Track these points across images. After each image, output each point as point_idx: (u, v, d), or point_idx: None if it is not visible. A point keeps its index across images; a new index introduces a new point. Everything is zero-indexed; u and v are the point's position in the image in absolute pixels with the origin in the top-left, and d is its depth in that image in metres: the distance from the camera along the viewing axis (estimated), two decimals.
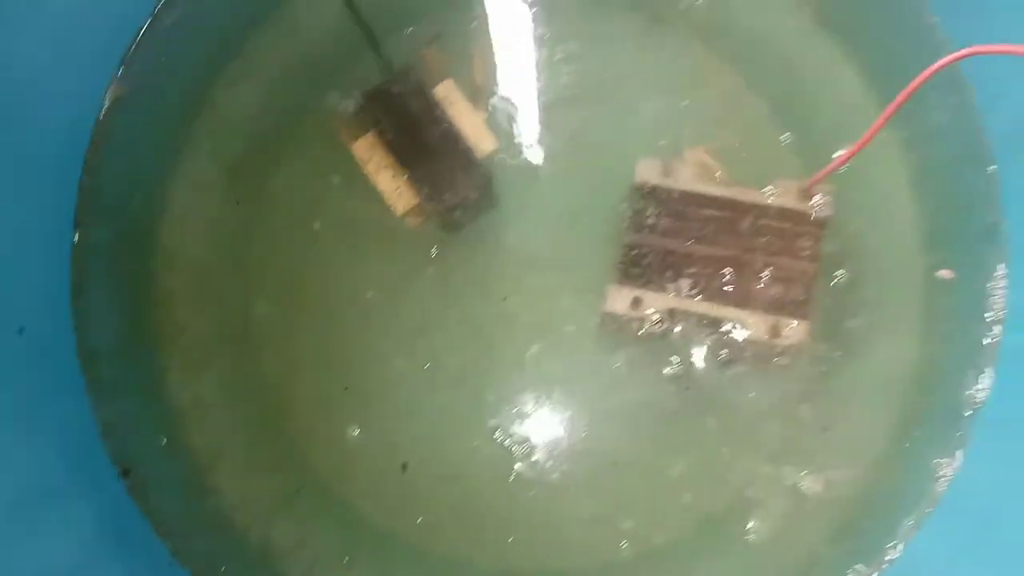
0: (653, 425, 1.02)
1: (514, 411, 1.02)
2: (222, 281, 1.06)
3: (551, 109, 1.12)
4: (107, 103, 1.04)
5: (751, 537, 0.97)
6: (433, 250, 1.06)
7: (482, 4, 1.16)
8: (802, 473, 0.98)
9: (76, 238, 1.00)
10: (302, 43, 1.12)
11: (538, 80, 1.13)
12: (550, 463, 1.01)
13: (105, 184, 1.02)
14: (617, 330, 1.03)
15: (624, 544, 0.98)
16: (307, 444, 1.02)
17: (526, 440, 1.01)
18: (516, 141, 1.10)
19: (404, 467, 1.01)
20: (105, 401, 0.97)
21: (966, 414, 0.96)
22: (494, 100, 1.12)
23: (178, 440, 1.01)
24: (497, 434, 1.01)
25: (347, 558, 0.98)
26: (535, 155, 1.11)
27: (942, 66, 0.83)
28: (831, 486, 0.97)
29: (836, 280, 1.02)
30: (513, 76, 1.14)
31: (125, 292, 1.01)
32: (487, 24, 1.16)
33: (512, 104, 1.12)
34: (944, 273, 1.04)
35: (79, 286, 0.99)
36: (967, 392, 0.97)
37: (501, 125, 1.10)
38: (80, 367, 0.96)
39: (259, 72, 1.11)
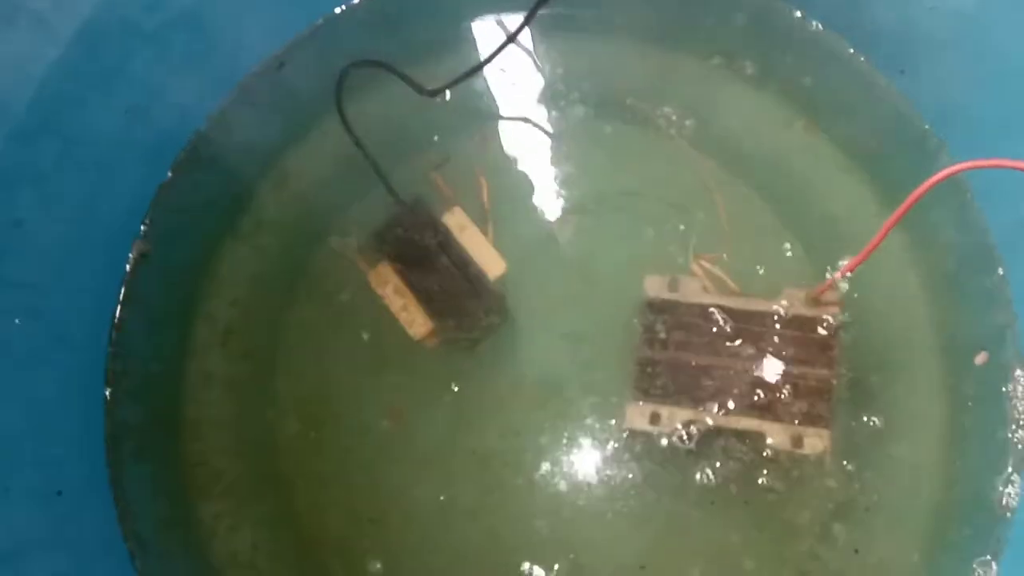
0: (678, 539, 1.02)
1: (536, 536, 1.02)
2: (247, 430, 1.09)
3: (558, 227, 1.15)
4: (133, 260, 1.10)
5: None
6: (454, 386, 1.08)
7: (485, 128, 1.21)
8: None
9: (108, 393, 1.04)
10: (312, 183, 1.18)
11: (544, 199, 1.17)
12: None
13: (133, 334, 1.07)
14: (637, 446, 1.04)
15: None
16: None
17: (552, 567, 1.01)
18: (525, 261, 1.13)
19: None
20: (143, 552, 1.00)
21: (997, 522, 0.95)
22: (501, 221, 1.15)
23: None
24: (524, 565, 1.01)
25: None
26: (545, 274, 1.13)
27: (937, 181, 0.85)
28: None
29: (854, 387, 1.02)
30: (519, 196, 1.17)
31: (157, 448, 1.05)
32: (491, 147, 1.20)
33: (520, 224, 1.16)
34: (980, 358, 1.04)
35: (113, 442, 1.03)
36: (997, 498, 0.95)
37: (510, 246, 1.12)
38: (118, 520, 0.99)
39: (274, 217, 1.16)
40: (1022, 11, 0.88)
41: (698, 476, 1.01)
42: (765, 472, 1.01)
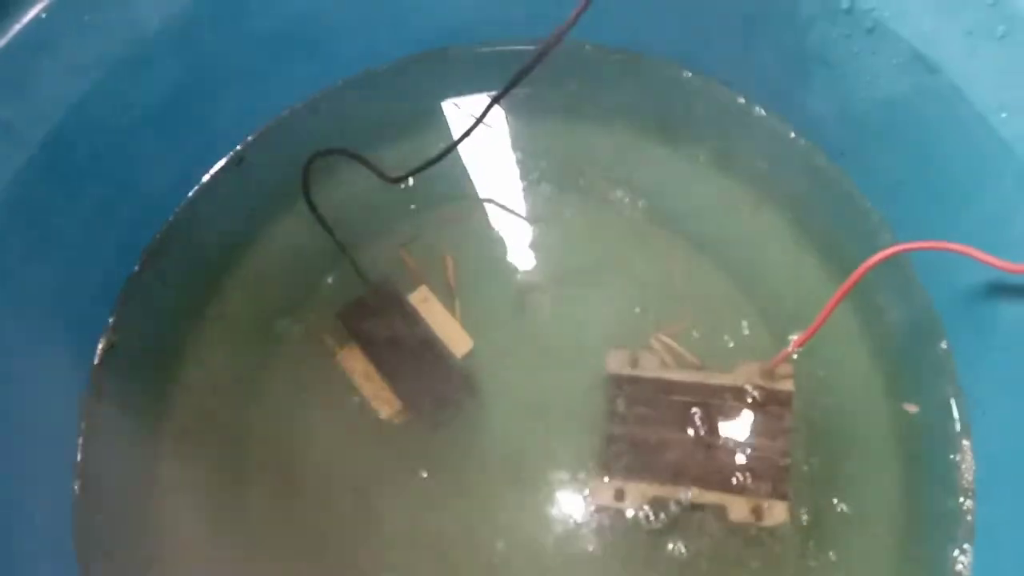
0: None
1: None
2: (219, 507, 1.09)
3: (523, 303, 1.18)
4: (100, 352, 1.11)
5: None
6: (421, 471, 1.09)
7: (449, 208, 1.25)
8: None
9: (77, 488, 1.05)
10: (280, 268, 1.21)
11: (508, 276, 1.20)
12: None
13: (103, 425, 1.08)
14: (603, 523, 1.05)
15: None
16: None
17: None
18: (491, 338, 1.16)
19: None
20: None
21: None
22: (467, 298, 1.18)
23: None
24: None
25: None
26: (510, 351, 1.16)
27: (876, 261, 0.89)
28: None
29: (809, 457, 1.05)
30: (485, 274, 1.21)
31: (127, 542, 1.05)
32: (456, 226, 1.24)
33: (485, 301, 1.18)
34: (910, 407, 1.07)
35: (82, 539, 1.02)
36: (951, 568, 0.98)
37: (476, 323, 1.16)
38: None
39: (242, 301, 1.19)
40: (950, 100, 0.93)
41: (667, 551, 1.02)
42: (731, 545, 1.02)
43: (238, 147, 1.24)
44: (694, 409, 1.08)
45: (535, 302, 1.18)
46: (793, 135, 1.19)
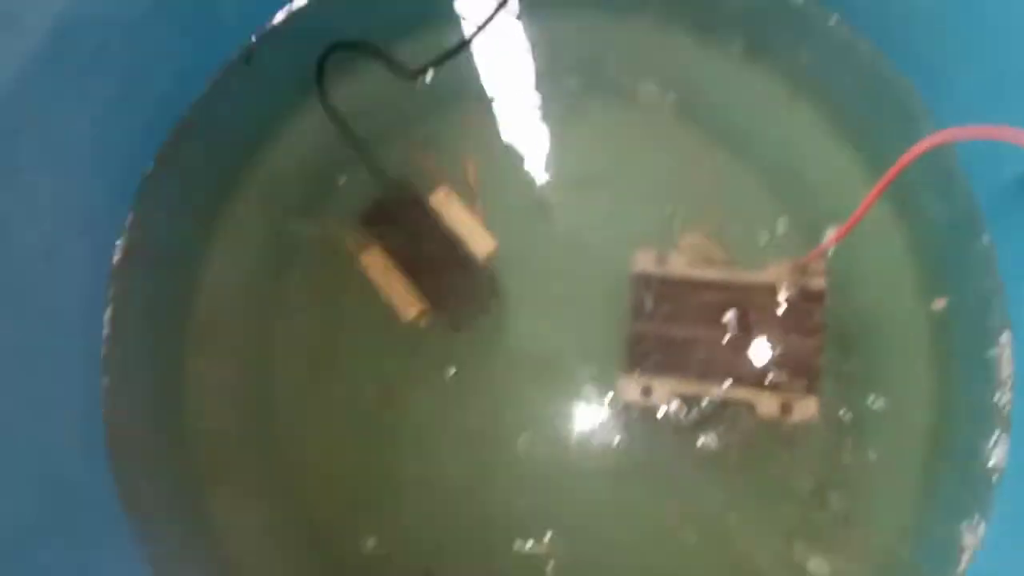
0: (666, 500, 1.04)
1: (527, 511, 1.04)
2: (245, 416, 1.10)
3: (545, 203, 1.15)
4: (120, 252, 1.10)
5: None
6: (448, 367, 1.08)
7: (470, 107, 1.20)
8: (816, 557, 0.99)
9: (106, 382, 1.05)
10: (298, 168, 1.18)
11: (532, 177, 1.17)
12: (574, 552, 1.02)
13: (127, 325, 1.08)
14: (629, 418, 1.05)
15: None
16: (331, 555, 1.05)
17: (542, 539, 1.03)
18: (514, 238, 1.13)
19: (428, 573, 1.04)
20: (146, 533, 1.01)
21: (985, 484, 0.96)
22: (489, 200, 1.15)
23: (217, 562, 1.04)
24: (516, 542, 1.03)
25: None
26: (534, 252, 1.14)
27: (922, 150, 0.85)
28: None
29: (841, 354, 1.03)
30: (507, 175, 1.17)
31: (156, 430, 1.06)
32: (477, 126, 1.20)
33: (508, 203, 1.16)
34: (938, 303, 1.05)
35: (112, 430, 1.03)
36: (984, 461, 0.97)
37: (499, 225, 1.13)
38: (121, 506, 1.00)
39: (260, 203, 1.16)
40: None
41: (695, 444, 1.02)
42: (756, 439, 1.02)
43: (250, 40, 1.19)
44: (723, 307, 1.05)
45: (559, 202, 1.15)
46: (833, 22, 1.13)
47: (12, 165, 0.90)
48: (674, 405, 1.03)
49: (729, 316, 1.05)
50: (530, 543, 1.02)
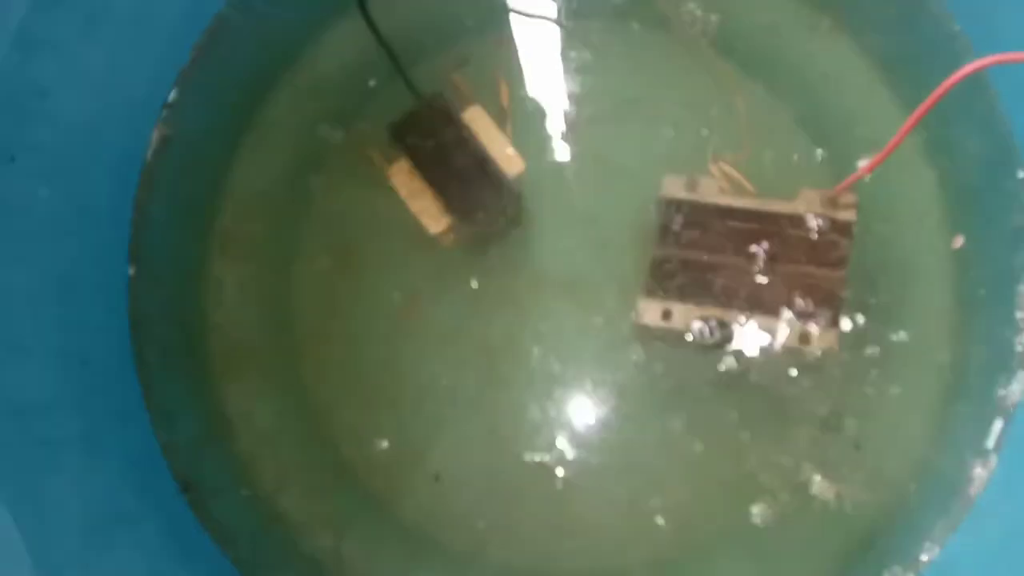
0: (678, 415, 1.05)
1: (539, 422, 1.06)
2: (267, 309, 1.12)
3: (576, 128, 1.15)
4: (152, 148, 1.11)
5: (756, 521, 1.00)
6: (472, 280, 1.10)
7: (506, 29, 1.20)
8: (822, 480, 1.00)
9: (131, 271, 1.07)
10: (332, 76, 1.18)
11: (562, 100, 1.17)
12: (582, 459, 1.04)
13: (155, 216, 1.09)
14: (649, 341, 1.06)
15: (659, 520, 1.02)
16: (343, 455, 1.07)
17: (554, 442, 1.05)
18: (543, 161, 1.14)
19: (437, 478, 1.06)
20: (165, 422, 1.04)
21: (1000, 418, 0.97)
22: (520, 122, 1.15)
23: (231, 455, 1.07)
24: (526, 455, 1.05)
25: (376, 557, 1.04)
26: (562, 174, 1.14)
27: (962, 76, 0.84)
28: (858, 505, 0.99)
29: (864, 287, 1.03)
30: (538, 97, 1.17)
31: (179, 324, 1.08)
32: (511, 49, 1.19)
33: (538, 125, 1.16)
34: (957, 242, 1.05)
35: (136, 316, 1.05)
36: (1000, 396, 0.97)
37: (528, 146, 1.13)
38: (141, 393, 1.03)
39: (292, 108, 1.17)
40: None
41: (708, 366, 1.04)
42: (776, 366, 1.03)
43: None
44: (750, 235, 1.05)
45: (591, 125, 1.15)
46: None
47: (55, 36, 0.90)
48: (695, 328, 1.04)
49: (756, 248, 1.06)
50: (539, 455, 1.04)
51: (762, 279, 1.04)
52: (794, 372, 1.03)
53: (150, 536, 0.92)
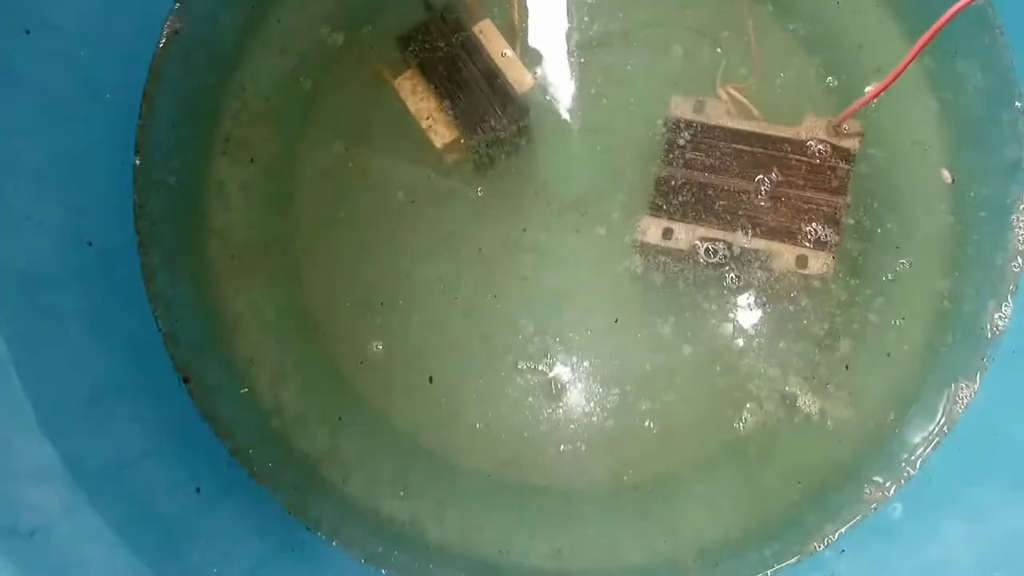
0: (671, 324, 1.07)
1: (533, 330, 1.08)
2: (269, 199, 1.12)
3: (584, 48, 1.15)
4: (163, 39, 1.09)
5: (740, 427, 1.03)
6: (478, 189, 1.11)
7: None
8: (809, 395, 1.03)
9: (137, 162, 1.06)
10: None
11: (571, 20, 1.16)
12: (575, 365, 1.07)
13: (162, 111, 1.08)
14: (650, 254, 1.08)
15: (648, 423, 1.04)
16: (339, 356, 1.08)
17: (552, 345, 1.07)
18: (551, 79, 1.14)
19: (430, 380, 1.07)
20: (166, 314, 1.04)
21: (987, 342, 1.00)
22: (530, 40, 1.15)
23: (230, 351, 1.08)
24: (520, 356, 1.06)
25: (369, 454, 1.06)
26: (570, 93, 1.14)
27: (962, 7, 0.85)
28: (840, 421, 1.02)
29: (863, 212, 1.05)
30: (547, 16, 1.17)
31: (182, 221, 1.08)
32: None
33: (547, 44, 1.15)
34: (945, 174, 1.07)
35: (141, 206, 1.05)
36: (989, 322, 1.00)
37: (536, 64, 1.14)
38: (143, 281, 1.03)
39: (303, 10, 1.16)
40: None
41: (706, 282, 1.06)
42: (775, 285, 1.05)
43: None
44: (753, 158, 1.07)
45: (600, 44, 1.15)
46: None
47: None
48: (694, 247, 1.05)
49: (759, 171, 1.07)
50: (532, 362, 1.06)
51: (764, 202, 1.06)
52: (793, 292, 1.06)
53: (149, 416, 0.92)
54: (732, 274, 1.05)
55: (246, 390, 1.04)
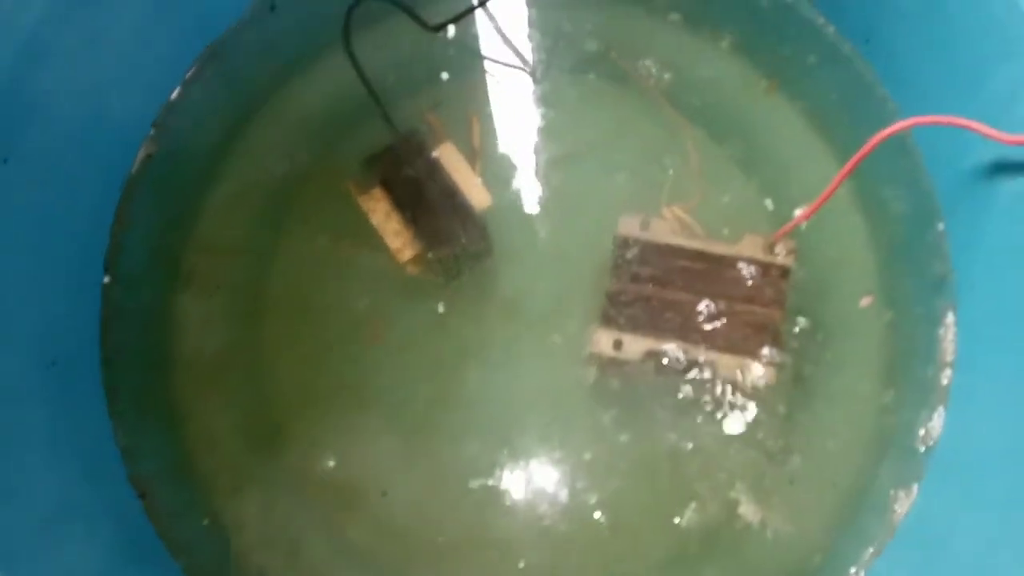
0: (632, 430, 1.11)
1: (490, 432, 1.11)
2: (233, 319, 1.17)
3: (540, 168, 1.23)
4: (136, 164, 1.16)
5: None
6: (440, 306, 1.16)
7: (479, 74, 1.29)
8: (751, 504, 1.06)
9: (106, 280, 1.11)
10: (312, 111, 1.25)
11: (528, 142, 1.25)
12: (528, 476, 1.09)
13: (135, 228, 1.14)
14: (604, 364, 1.12)
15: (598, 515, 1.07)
16: (296, 472, 1.10)
17: (499, 462, 1.09)
18: (509, 197, 1.21)
19: (384, 494, 1.09)
20: (125, 429, 1.06)
21: (922, 451, 1.04)
22: (490, 160, 1.23)
23: (187, 467, 1.09)
24: (472, 471, 1.09)
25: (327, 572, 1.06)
26: (526, 210, 1.21)
27: (881, 139, 0.94)
28: (780, 534, 1.05)
29: (800, 326, 1.11)
30: (506, 138, 1.25)
31: (146, 344, 1.12)
32: (484, 92, 1.28)
33: (505, 164, 1.23)
34: (865, 301, 1.13)
35: (107, 323, 1.09)
36: (923, 431, 1.05)
37: (496, 183, 1.21)
38: (105, 397, 1.05)
39: (273, 139, 1.24)
40: None
41: (652, 391, 1.10)
42: (725, 393, 1.09)
43: None
44: (697, 274, 1.13)
45: (554, 165, 1.23)
46: (823, 21, 1.23)
47: (60, 47, 0.97)
48: (644, 357, 1.10)
49: (700, 283, 1.13)
50: (484, 478, 1.08)
51: (708, 315, 1.12)
52: (739, 403, 1.10)
53: (105, 535, 0.93)
54: (681, 384, 1.09)
55: (202, 503, 1.05)
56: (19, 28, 0.91)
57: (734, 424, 1.09)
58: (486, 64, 1.29)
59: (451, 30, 1.28)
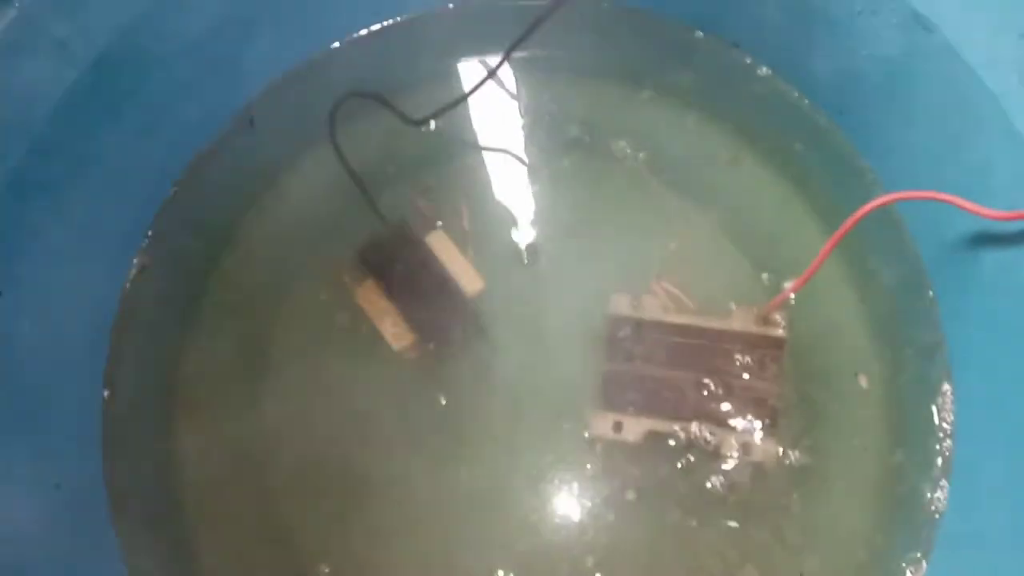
0: (640, 516, 1.09)
1: (492, 528, 1.09)
2: (231, 425, 1.17)
3: (531, 250, 1.24)
4: (132, 274, 1.18)
5: None
6: (440, 396, 1.16)
7: (466, 157, 1.31)
8: None
9: (105, 394, 1.12)
10: (305, 205, 1.28)
11: (520, 224, 1.26)
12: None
13: (127, 353, 1.15)
14: (599, 451, 1.11)
15: None
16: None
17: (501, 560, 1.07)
18: (501, 280, 1.22)
19: None
20: (132, 550, 1.06)
21: (928, 525, 1.03)
22: (481, 244, 1.24)
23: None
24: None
25: None
26: (518, 292, 1.22)
27: (869, 210, 0.95)
28: None
29: (797, 400, 1.11)
30: (496, 222, 1.27)
31: (147, 462, 1.12)
32: (472, 177, 1.30)
33: (496, 246, 1.25)
34: (863, 378, 1.13)
35: (107, 455, 1.09)
36: (928, 504, 1.03)
37: (487, 266, 1.22)
38: (111, 519, 1.05)
39: (267, 234, 1.26)
40: (944, 58, 0.99)
41: (659, 474, 1.09)
42: (724, 473, 1.08)
43: (272, 83, 1.32)
44: (691, 350, 1.13)
45: (543, 248, 1.24)
46: (797, 95, 1.25)
47: (46, 179, 0.99)
48: (644, 440, 1.10)
49: (695, 359, 1.13)
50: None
51: (705, 392, 1.12)
52: (743, 480, 1.09)
53: None
54: (683, 464, 1.09)
55: None
56: (8, 156, 0.93)
57: (747, 501, 1.08)
58: (471, 150, 1.31)
59: (432, 122, 1.31)
